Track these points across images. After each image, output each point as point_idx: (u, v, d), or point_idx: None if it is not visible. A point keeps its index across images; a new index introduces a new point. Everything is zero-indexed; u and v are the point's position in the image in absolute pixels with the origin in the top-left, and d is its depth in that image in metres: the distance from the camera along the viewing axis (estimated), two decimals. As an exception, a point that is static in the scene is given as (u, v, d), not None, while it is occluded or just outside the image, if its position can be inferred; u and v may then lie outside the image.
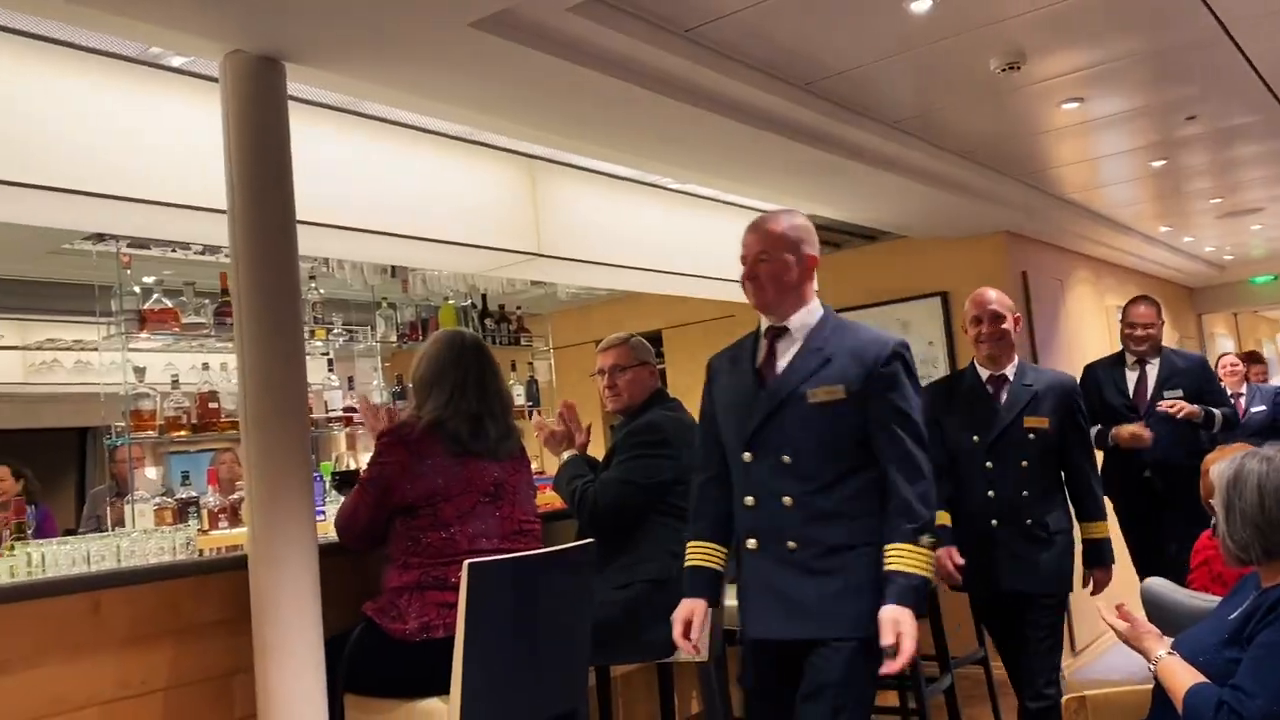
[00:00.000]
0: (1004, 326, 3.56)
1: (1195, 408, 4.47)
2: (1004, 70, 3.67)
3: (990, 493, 3.47)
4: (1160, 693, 2.23)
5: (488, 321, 5.43)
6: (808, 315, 2.48)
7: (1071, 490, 3.55)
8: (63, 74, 2.84)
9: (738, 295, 5.46)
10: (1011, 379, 3.55)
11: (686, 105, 3.29)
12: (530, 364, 5.74)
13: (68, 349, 6.33)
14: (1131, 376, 4.72)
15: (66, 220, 3.30)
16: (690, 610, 2.50)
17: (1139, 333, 4.68)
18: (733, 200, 5.06)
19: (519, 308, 5.74)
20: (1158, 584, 2.84)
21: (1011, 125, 4.47)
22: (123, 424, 4.08)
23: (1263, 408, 6.66)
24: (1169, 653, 2.21)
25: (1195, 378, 4.63)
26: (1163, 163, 5.34)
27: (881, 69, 3.59)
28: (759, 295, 2.50)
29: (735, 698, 3.60)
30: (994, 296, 3.62)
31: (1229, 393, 6.14)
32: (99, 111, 2.90)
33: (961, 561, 3.37)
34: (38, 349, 6.30)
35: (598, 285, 5.35)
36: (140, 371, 4.16)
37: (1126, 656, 2.96)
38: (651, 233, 4.69)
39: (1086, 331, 6.79)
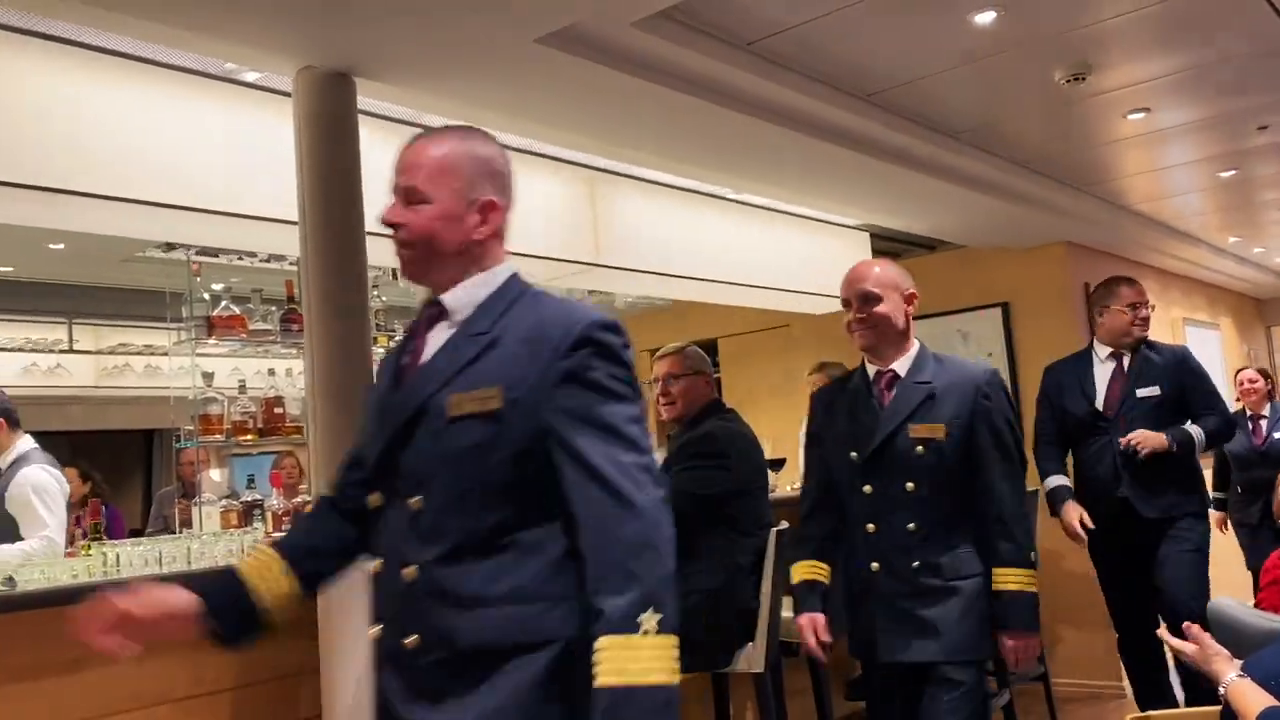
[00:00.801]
0: (880, 310, 2.71)
1: (1161, 438, 3.74)
2: (1069, 81, 3.63)
3: (870, 525, 2.63)
4: (1230, 716, 2.19)
5: (545, 329, 5.47)
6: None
7: (979, 523, 2.60)
8: (138, 89, 2.93)
9: (793, 305, 5.50)
10: (903, 375, 2.70)
11: (748, 117, 3.31)
12: (587, 372, 5.77)
13: (138, 354, 6.51)
14: (1103, 374, 3.99)
15: (139, 230, 3.40)
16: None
17: (1142, 313, 3.97)
18: (790, 210, 5.06)
19: (576, 316, 5.77)
20: (1226, 603, 2.78)
21: (1075, 136, 4.41)
22: (191, 427, 4.18)
23: None
24: (1239, 675, 2.17)
25: (1174, 375, 3.88)
26: (1232, 173, 5.23)
27: (944, 80, 3.57)
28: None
29: (791, 708, 3.60)
30: (869, 272, 2.77)
31: (1248, 413, 5.81)
32: (173, 125, 2.98)
33: (827, 639, 2.70)
34: (110, 353, 6.49)
35: (654, 295, 5.37)
36: (208, 376, 4.26)
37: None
38: (708, 243, 4.70)
39: (1151, 344, 6.66)
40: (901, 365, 2.72)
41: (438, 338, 1.64)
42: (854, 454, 2.65)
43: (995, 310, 5.89)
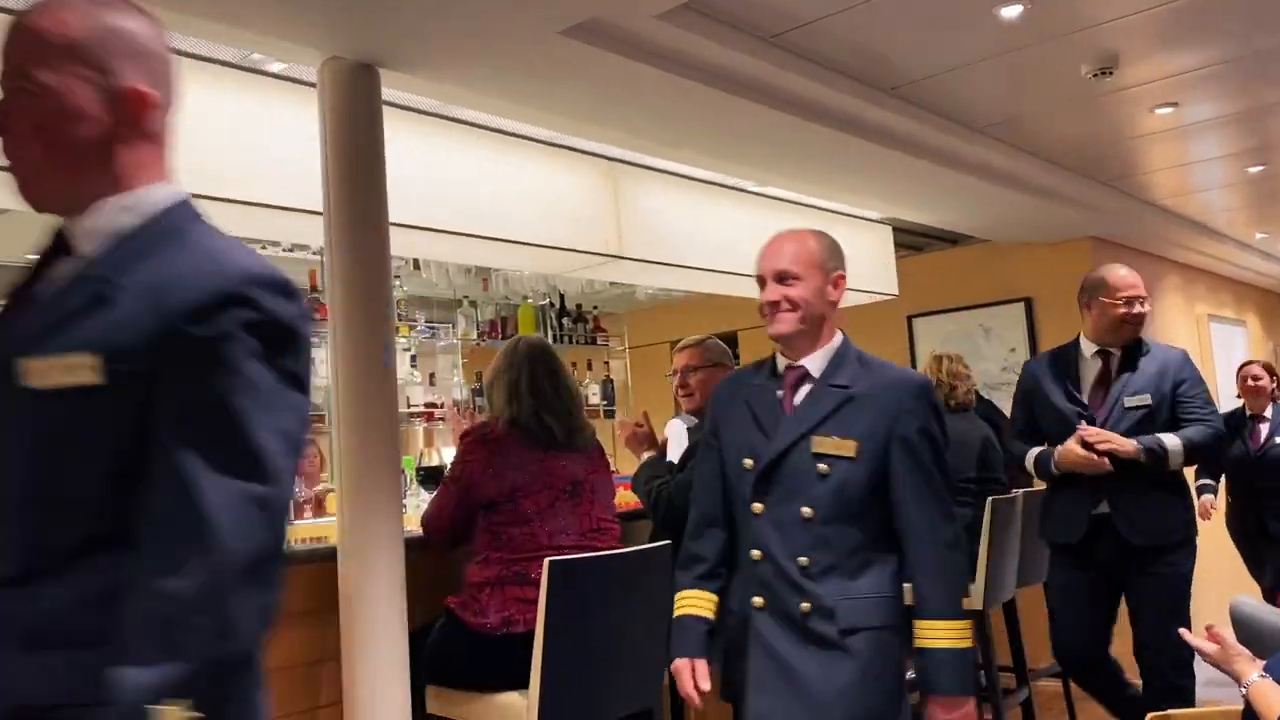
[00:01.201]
0: (796, 292, 2.23)
1: (1129, 444, 3.22)
2: (1095, 75, 3.60)
3: (756, 552, 2.17)
4: (1251, 716, 2.18)
5: (565, 321, 5.49)
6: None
7: (905, 563, 2.15)
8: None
9: (816, 299, 5.48)
10: (816, 375, 2.23)
11: (772, 110, 3.31)
12: (606, 364, 5.79)
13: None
14: (1088, 374, 3.45)
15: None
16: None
17: (1137, 309, 3.39)
18: (813, 203, 5.04)
19: (595, 308, 5.79)
20: (1247, 603, 2.76)
21: (1101, 130, 4.38)
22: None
23: None
24: (1261, 675, 2.15)
25: (1167, 381, 3.33)
26: (1261, 168, 5.18)
27: (969, 74, 3.55)
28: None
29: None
30: (786, 247, 2.29)
31: (1247, 413, 5.26)
32: (196, 114, 2.99)
33: (705, 686, 2.22)
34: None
35: (676, 287, 5.37)
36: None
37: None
38: (730, 235, 4.69)
39: (1176, 340, 6.61)
40: (815, 362, 2.23)
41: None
42: (748, 462, 2.20)
43: (1018, 305, 5.86)
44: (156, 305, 1.11)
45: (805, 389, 2.24)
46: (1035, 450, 3.45)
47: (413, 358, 5.00)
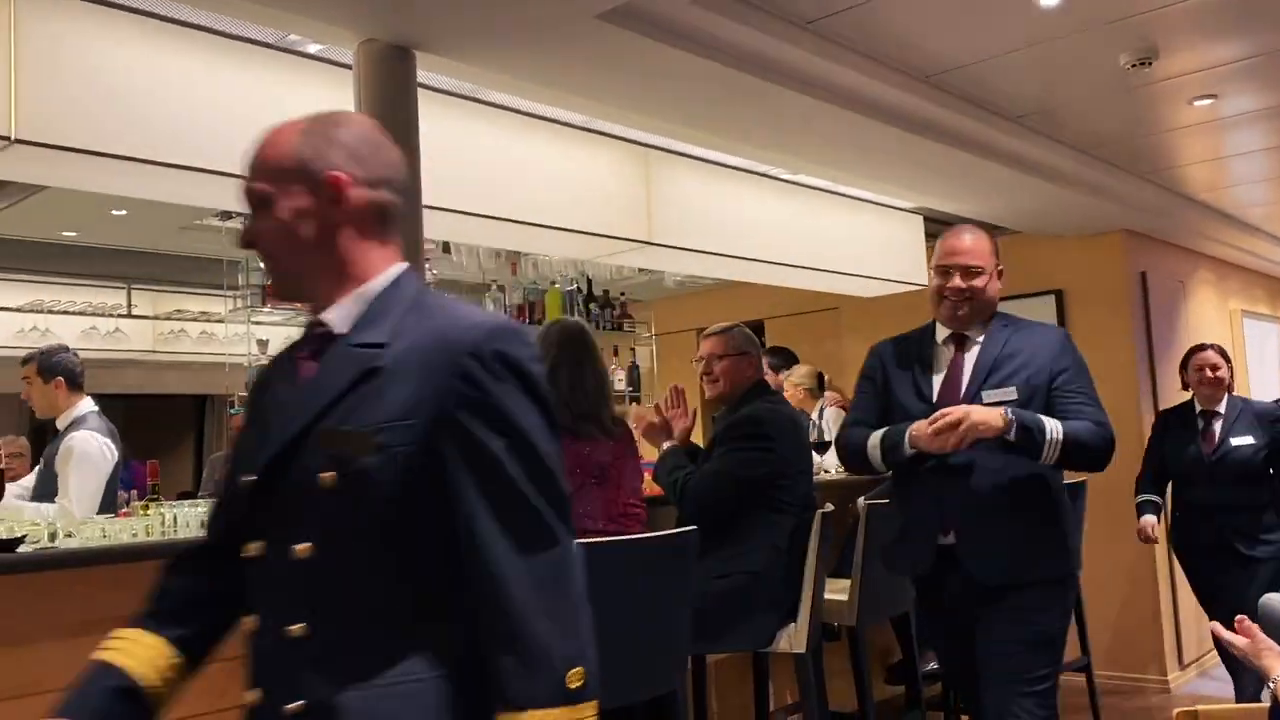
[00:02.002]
0: (271, 211, 1.37)
1: (993, 416, 2.43)
2: (1134, 66, 3.56)
3: (249, 619, 1.42)
4: (1278, 712, 2.16)
5: (592, 306, 5.50)
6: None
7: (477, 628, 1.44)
8: (203, 59, 2.96)
9: (842, 288, 5.47)
10: (339, 332, 1.34)
11: (806, 97, 3.29)
12: (632, 350, 5.79)
13: (194, 320, 6.62)
14: (943, 360, 2.72)
15: (199, 198, 3.45)
16: None
17: (952, 283, 2.65)
18: (843, 192, 5.03)
19: (623, 294, 5.79)
20: (1276, 599, 2.75)
21: (1138, 122, 4.33)
22: (244, 393, 4.25)
23: (1249, 439, 4.19)
24: (1291, 672, 2.13)
25: (1042, 367, 2.59)
26: (1299, 163, 5.11)
27: (1005, 63, 3.53)
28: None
29: (830, 690, 3.61)
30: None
31: (1198, 409, 4.38)
32: (235, 95, 3.02)
33: None
34: (166, 319, 6.61)
35: (705, 274, 5.37)
36: (263, 344, 4.34)
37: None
38: (760, 223, 4.68)
39: (1208, 335, 6.54)
40: (341, 314, 1.34)
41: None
42: (243, 477, 1.35)
43: (1048, 298, 5.81)
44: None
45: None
46: (879, 431, 2.68)
47: (441, 341, 5.03)
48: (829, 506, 3.28)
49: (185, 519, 2.96)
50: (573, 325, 3.04)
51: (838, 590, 3.43)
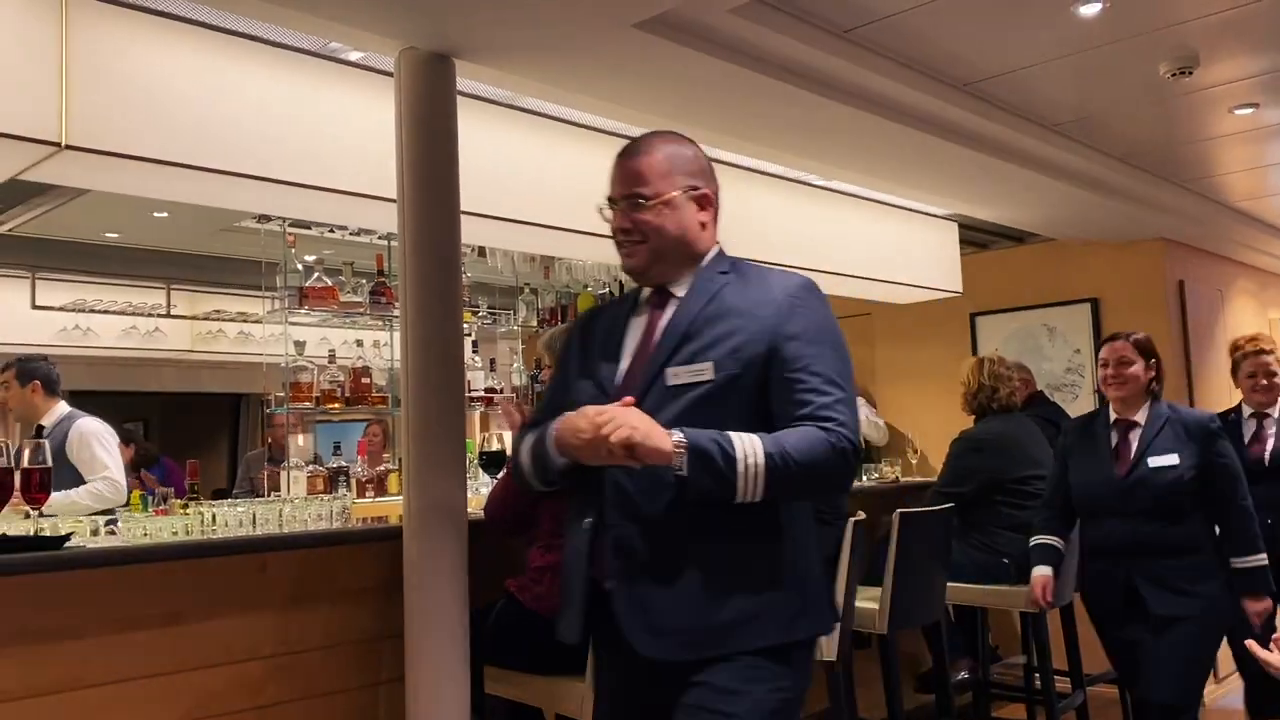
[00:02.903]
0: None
1: (656, 438, 1.68)
2: (1174, 75, 3.54)
3: None
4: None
5: (624, 311, 5.50)
6: None
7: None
8: (246, 66, 3.00)
9: (875, 294, 5.45)
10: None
11: (843, 105, 3.30)
12: (664, 354, 5.79)
13: (231, 320, 6.71)
14: (637, 327, 1.98)
15: (240, 201, 3.50)
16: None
17: (624, 221, 1.96)
18: (877, 198, 5.01)
19: (655, 297, 5.80)
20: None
21: (1177, 130, 4.30)
22: (281, 393, 4.31)
23: (1173, 459, 3.21)
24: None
25: (751, 335, 1.84)
26: (1342, 172, 5.05)
27: (1043, 71, 3.51)
28: None
29: (861, 698, 3.61)
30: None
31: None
32: (275, 101, 3.06)
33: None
34: (205, 319, 6.70)
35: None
36: (300, 345, 4.39)
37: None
38: (793, 228, 4.68)
39: (1246, 346, 6.46)
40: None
41: None
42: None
43: (1084, 306, 5.77)
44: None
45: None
46: (530, 434, 1.94)
47: (474, 343, 5.07)
48: (861, 515, 3.27)
49: (224, 518, 3.00)
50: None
51: (868, 598, 3.42)
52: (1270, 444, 4.00)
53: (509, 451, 3.33)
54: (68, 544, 2.39)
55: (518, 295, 5.35)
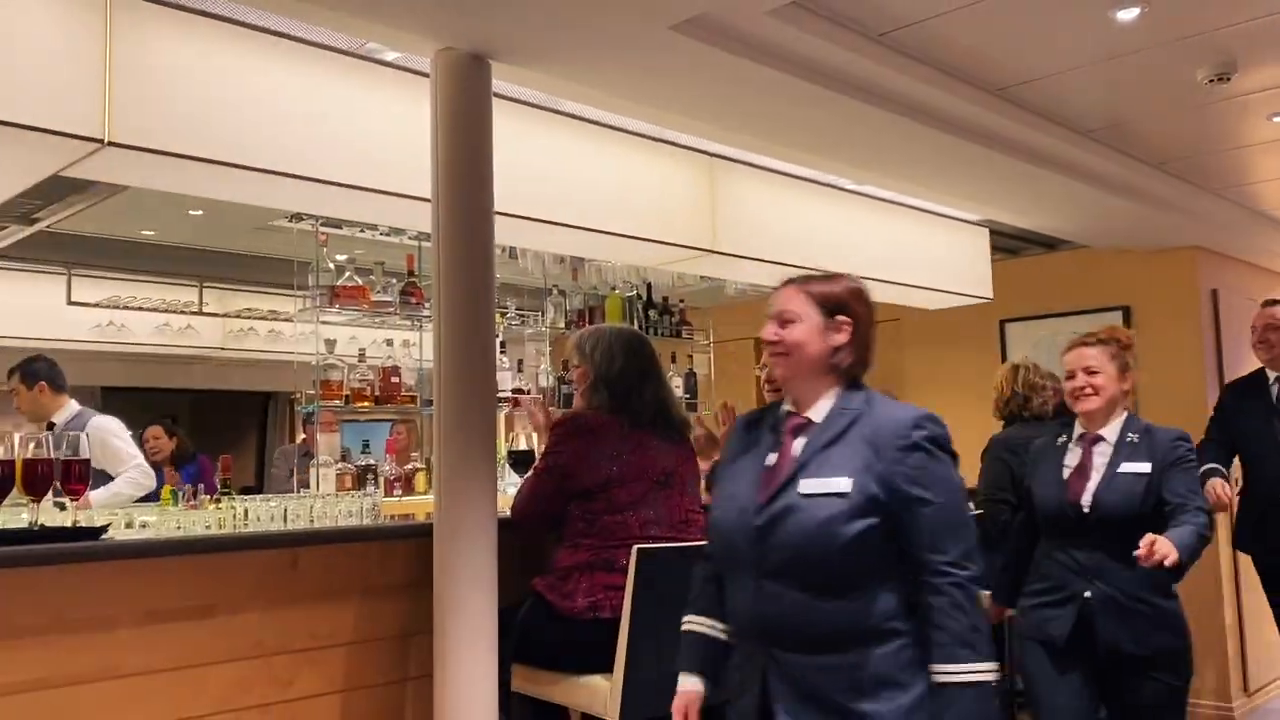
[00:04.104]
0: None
1: None
2: (1211, 81, 3.51)
3: None
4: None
5: (651, 313, 5.52)
6: None
7: None
8: (281, 64, 3.03)
9: (905, 299, 5.43)
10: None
11: (877, 109, 3.29)
12: (690, 357, 5.80)
13: (262, 318, 6.76)
14: None
15: (276, 199, 3.54)
16: None
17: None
18: (908, 203, 5.00)
19: (682, 300, 5.81)
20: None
21: (1213, 137, 4.26)
22: (311, 391, 4.34)
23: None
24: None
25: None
26: (1381, 181, 4.98)
27: (1078, 76, 3.49)
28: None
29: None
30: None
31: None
32: (313, 100, 3.09)
33: None
34: (237, 317, 6.76)
35: (768, 283, 5.34)
36: (330, 343, 4.42)
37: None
38: (823, 233, 4.68)
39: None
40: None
41: None
42: None
43: (1115, 314, 5.72)
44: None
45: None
46: None
47: (502, 344, 5.08)
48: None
49: (256, 513, 3.04)
50: (631, 332, 3.07)
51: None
52: None
53: (536, 451, 3.35)
54: (103, 536, 2.42)
55: (546, 297, 5.36)
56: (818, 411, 2.00)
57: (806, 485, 1.91)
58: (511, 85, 3.25)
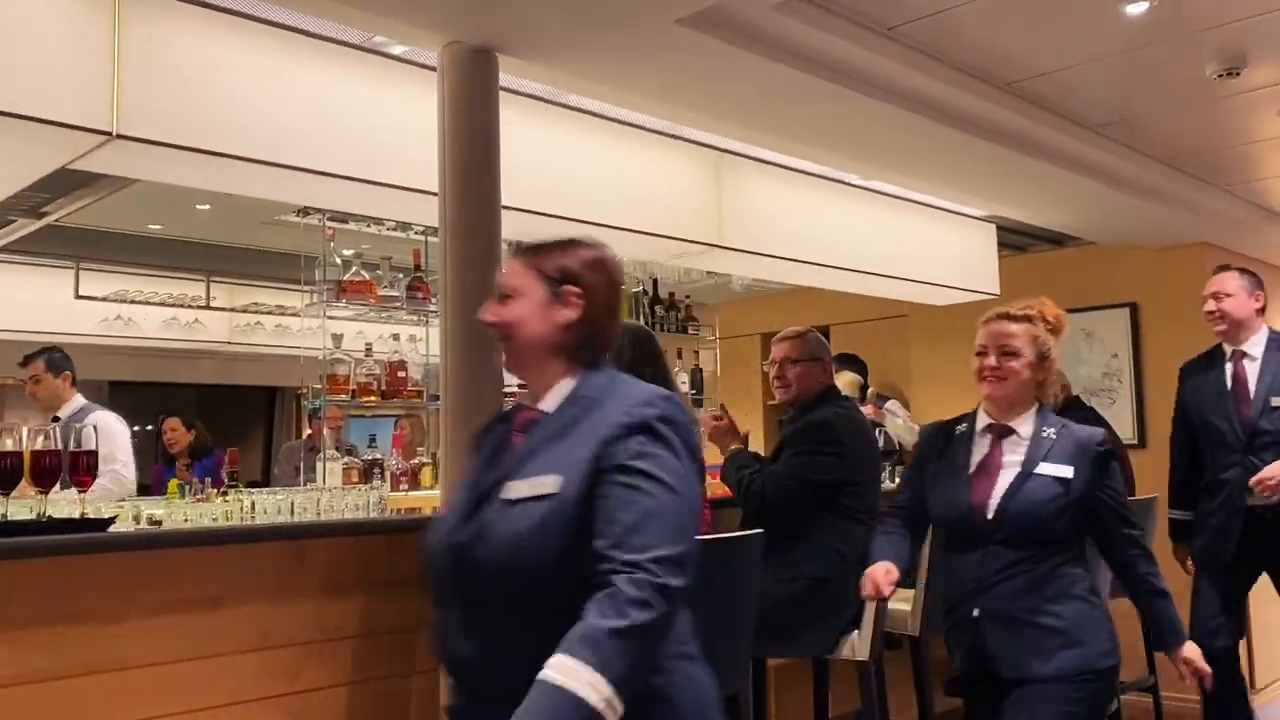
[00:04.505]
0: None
1: None
2: (1221, 76, 3.50)
3: None
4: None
5: (657, 308, 5.51)
6: None
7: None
8: (289, 58, 3.04)
9: (911, 295, 5.42)
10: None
11: (884, 104, 3.28)
12: (696, 353, 5.79)
13: (269, 313, 6.77)
14: None
15: (283, 193, 3.54)
16: None
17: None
18: (915, 199, 4.99)
19: (688, 296, 5.80)
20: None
21: (1222, 133, 4.25)
22: (318, 386, 4.35)
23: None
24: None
25: None
26: (1392, 177, 4.97)
27: (1088, 71, 3.48)
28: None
29: (891, 699, 3.59)
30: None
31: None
32: (320, 94, 3.08)
33: None
34: (244, 311, 6.77)
35: (774, 278, 5.36)
36: (337, 338, 4.43)
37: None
38: (830, 228, 4.67)
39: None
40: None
41: None
42: None
43: (1123, 310, 5.71)
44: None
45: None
46: None
47: (508, 339, 5.08)
48: (896, 515, 3.25)
49: (263, 506, 3.04)
50: (638, 326, 3.08)
51: (901, 600, 3.41)
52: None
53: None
54: (111, 527, 2.43)
55: (552, 292, 5.36)
56: (550, 402, 1.71)
57: (513, 489, 1.60)
58: (519, 79, 3.25)
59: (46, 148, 2.75)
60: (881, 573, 2.58)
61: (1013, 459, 2.50)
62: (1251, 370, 3.72)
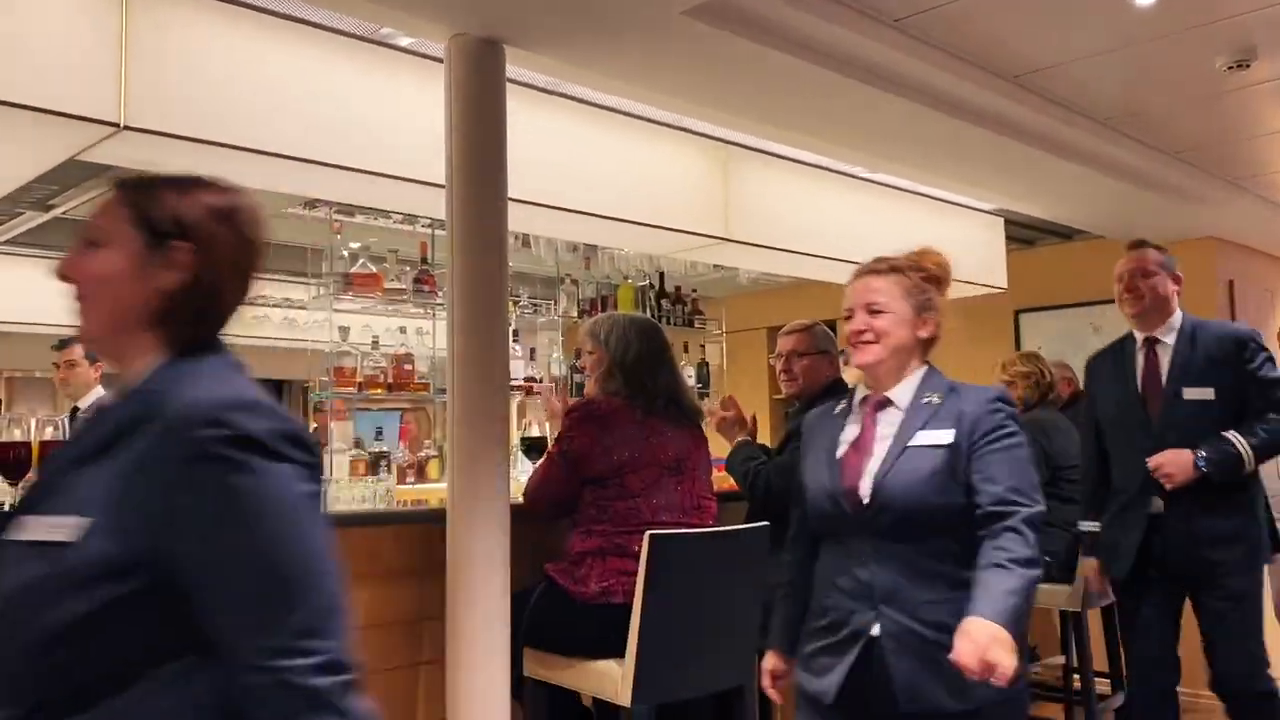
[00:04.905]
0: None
1: None
2: (1230, 68, 3.48)
3: None
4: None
5: (664, 302, 5.51)
6: None
7: None
8: (296, 49, 3.03)
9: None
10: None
11: (891, 95, 3.27)
12: (702, 347, 5.79)
13: (276, 306, 6.77)
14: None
15: (290, 185, 3.54)
16: None
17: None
18: (923, 192, 4.98)
19: (694, 290, 5.80)
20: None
21: (1231, 126, 4.22)
22: (325, 378, 4.36)
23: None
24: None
25: None
26: (1402, 170, 4.94)
27: (1095, 64, 3.46)
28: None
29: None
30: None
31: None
32: (327, 85, 3.08)
33: None
34: (250, 304, 6.75)
35: (781, 272, 5.35)
36: (344, 331, 4.44)
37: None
38: (837, 221, 4.67)
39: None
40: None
41: None
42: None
43: (1131, 304, 5.68)
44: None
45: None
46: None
47: (514, 332, 5.09)
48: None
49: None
50: (645, 319, 3.08)
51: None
52: None
53: (549, 438, 3.36)
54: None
55: (558, 285, 5.37)
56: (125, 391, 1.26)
57: (26, 529, 1.14)
58: (525, 71, 3.25)
59: (54, 139, 2.75)
60: (769, 681, 2.26)
61: (887, 432, 2.10)
62: (1164, 359, 3.30)
